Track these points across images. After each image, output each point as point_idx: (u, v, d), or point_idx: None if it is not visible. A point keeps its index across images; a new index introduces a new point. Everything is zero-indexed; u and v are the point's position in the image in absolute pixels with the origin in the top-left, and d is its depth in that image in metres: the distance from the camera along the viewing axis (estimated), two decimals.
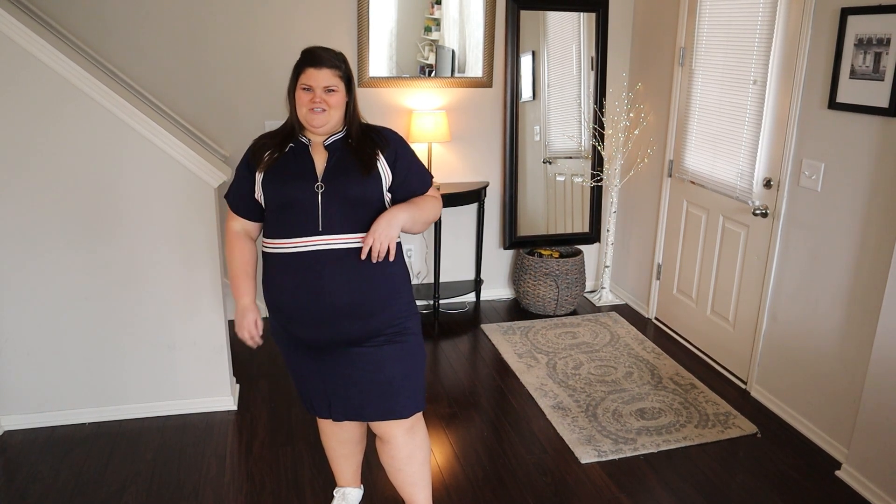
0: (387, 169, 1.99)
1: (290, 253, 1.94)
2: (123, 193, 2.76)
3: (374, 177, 1.96)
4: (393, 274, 2.01)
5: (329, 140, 2.00)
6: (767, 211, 3.11)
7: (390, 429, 2.09)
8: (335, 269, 1.92)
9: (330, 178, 1.94)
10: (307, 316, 1.96)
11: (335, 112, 1.95)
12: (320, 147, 1.99)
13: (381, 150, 1.99)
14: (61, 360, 2.88)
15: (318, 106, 1.92)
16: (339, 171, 1.95)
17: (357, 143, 1.99)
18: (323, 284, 1.92)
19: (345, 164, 1.96)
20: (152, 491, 2.54)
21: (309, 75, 1.93)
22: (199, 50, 3.62)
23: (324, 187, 1.92)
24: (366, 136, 2.01)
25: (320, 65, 1.93)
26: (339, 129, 2.01)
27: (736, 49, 3.27)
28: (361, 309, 1.96)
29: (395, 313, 2.02)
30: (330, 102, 1.93)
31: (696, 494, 2.57)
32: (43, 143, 2.64)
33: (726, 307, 3.47)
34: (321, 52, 1.96)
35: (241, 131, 3.78)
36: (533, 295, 4.15)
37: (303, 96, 1.94)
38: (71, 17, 3.42)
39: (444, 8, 3.95)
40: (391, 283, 2.00)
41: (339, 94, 1.96)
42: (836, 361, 2.78)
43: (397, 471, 2.16)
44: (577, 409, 3.10)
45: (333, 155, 1.97)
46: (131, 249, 2.82)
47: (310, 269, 1.92)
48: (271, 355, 3.62)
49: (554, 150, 4.26)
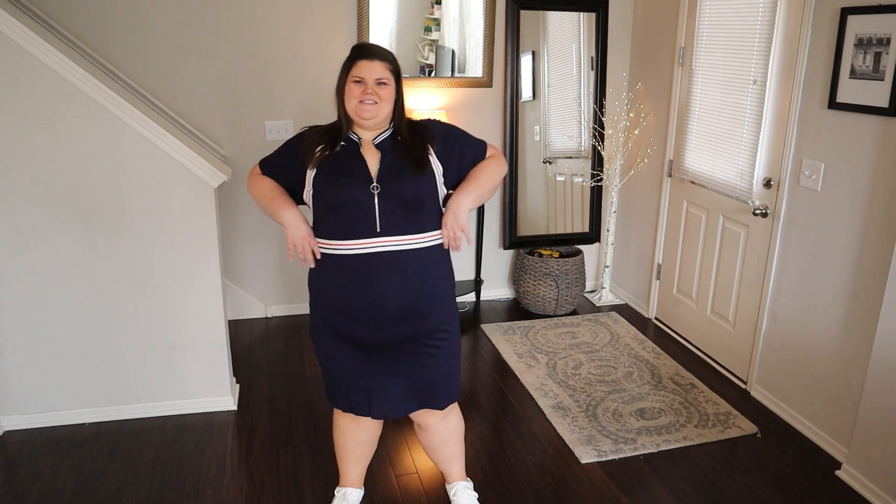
0: (437, 163, 2.00)
1: (347, 255, 1.94)
2: (123, 193, 2.76)
3: (428, 174, 1.97)
4: (445, 273, 2.06)
5: (379, 138, 1.99)
6: (767, 211, 3.11)
7: (427, 418, 2.21)
8: (392, 271, 1.94)
9: (385, 178, 1.93)
10: (363, 316, 1.98)
11: (385, 105, 1.95)
12: (371, 146, 1.98)
13: (431, 144, 2.00)
14: (61, 360, 2.88)
15: (370, 98, 1.91)
16: (393, 170, 1.94)
17: (407, 140, 1.98)
18: (380, 286, 1.94)
19: (398, 163, 1.96)
20: (152, 491, 2.54)
21: (361, 67, 1.93)
22: (200, 50, 3.62)
23: (379, 188, 1.92)
24: (413, 132, 2.01)
25: (373, 57, 1.93)
26: (387, 127, 2.01)
27: (736, 49, 3.27)
28: (415, 310, 1.99)
29: (443, 313, 2.06)
30: (381, 95, 1.93)
31: (696, 494, 2.57)
32: (42, 143, 2.64)
33: (726, 307, 3.47)
34: (373, 46, 1.98)
35: (241, 131, 3.79)
36: (533, 295, 4.15)
37: (354, 89, 1.93)
38: (70, 16, 3.42)
39: (444, 8, 3.95)
40: (441, 283, 2.05)
41: (389, 88, 1.95)
42: (836, 361, 2.78)
43: (434, 451, 2.35)
44: (577, 409, 3.10)
45: (385, 154, 1.97)
46: (131, 249, 2.82)
47: (368, 272, 1.94)
48: (271, 355, 3.62)
49: (554, 150, 4.26)
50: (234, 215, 3.87)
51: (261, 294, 4.09)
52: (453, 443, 2.32)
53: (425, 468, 2.69)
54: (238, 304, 4.01)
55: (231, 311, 3.74)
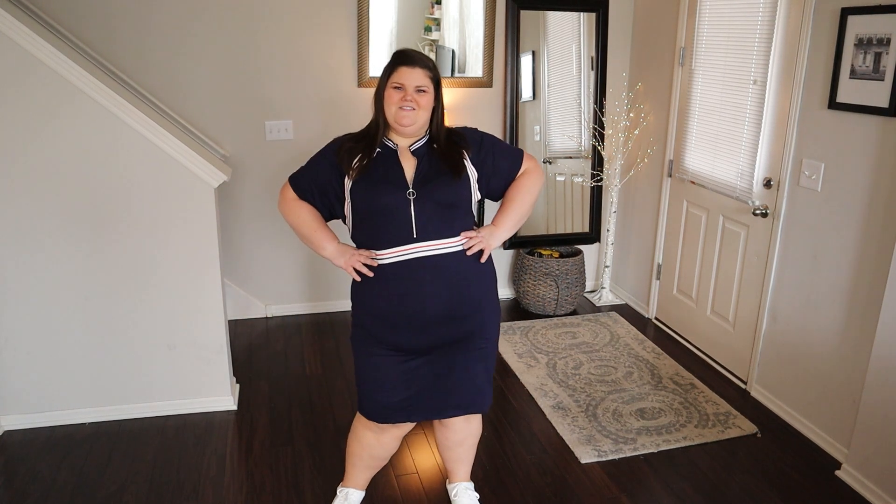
0: (472, 169, 2.02)
1: (388, 263, 1.95)
2: (123, 193, 2.76)
3: (464, 179, 1.99)
4: (486, 276, 2.07)
5: (415, 145, 2.00)
6: (767, 211, 3.11)
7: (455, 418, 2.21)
8: (434, 276, 1.95)
9: (421, 184, 1.94)
10: (409, 324, 1.98)
11: (423, 113, 1.96)
12: (407, 152, 1.99)
13: (467, 150, 2.02)
14: (61, 360, 2.88)
15: (409, 104, 1.92)
16: (429, 176, 1.96)
17: (443, 147, 2.00)
18: (424, 292, 1.95)
19: (434, 169, 1.97)
20: (152, 491, 2.54)
21: (401, 73, 1.94)
22: (200, 50, 3.62)
23: (415, 194, 1.93)
24: (449, 139, 2.02)
25: (414, 64, 1.94)
26: (423, 135, 2.02)
27: (736, 49, 3.27)
28: (459, 312, 2.00)
29: (486, 314, 2.07)
30: (420, 102, 1.94)
31: (696, 494, 2.57)
32: (42, 143, 2.64)
33: (726, 307, 3.47)
34: (414, 53, 1.98)
35: (241, 131, 3.79)
36: (533, 295, 4.15)
37: (393, 94, 1.94)
38: (71, 17, 3.42)
39: (444, 8, 3.95)
40: (484, 283, 2.07)
41: (428, 96, 1.96)
42: (835, 361, 2.78)
43: (447, 449, 2.35)
44: (577, 409, 3.10)
45: (422, 161, 1.98)
46: (131, 249, 2.82)
47: (410, 279, 1.95)
48: (271, 355, 3.62)
49: (554, 150, 4.26)
50: (235, 215, 3.87)
51: (261, 294, 4.09)
52: (469, 445, 2.34)
53: (425, 468, 2.69)
54: (238, 304, 4.01)
55: (231, 311, 3.74)
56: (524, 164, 2.14)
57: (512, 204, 2.10)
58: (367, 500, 2.49)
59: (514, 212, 2.10)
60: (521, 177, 2.12)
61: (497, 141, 2.12)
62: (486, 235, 2.04)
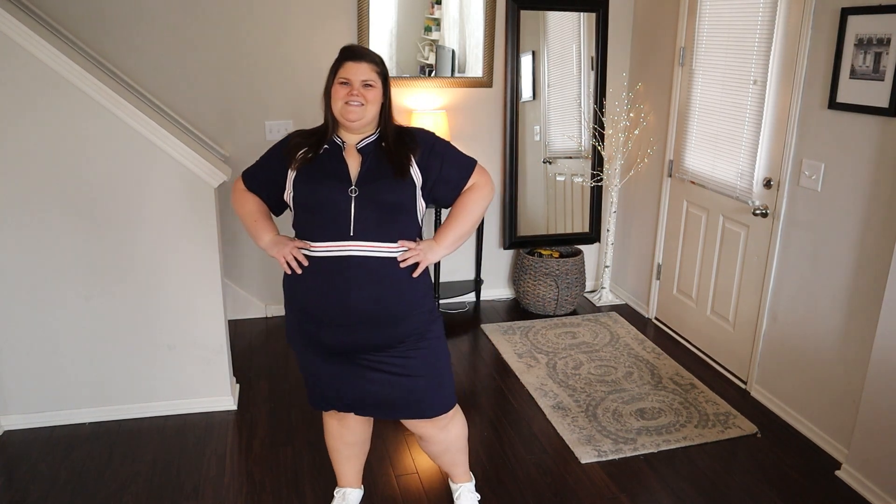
0: (417, 172, 1.98)
1: (318, 256, 1.94)
2: (123, 193, 2.76)
3: (408, 181, 1.96)
4: (417, 284, 2.02)
5: (362, 143, 1.99)
6: (767, 211, 3.11)
7: (424, 428, 2.17)
8: (363, 276, 1.92)
9: (363, 182, 1.93)
10: (331, 320, 1.96)
11: (371, 108, 1.94)
12: (354, 150, 1.98)
13: (413, 153, 1.98)
14: (61, 360, 2.88)
15: (356, 99, 1.91)
16: (372, 175, 1.94)
17: (391, 146, 1.97)
18: (349, 291, 1.92)
19: (379, 168, 1.95)
20: (152, 491, 2.54)
21: (347, 69, 1.93)
22: (199, 50, 3.62)
23: (357, 192, 1.92)
24: (399, 138, 2.00)
25: (359, 59, 1.94)
26: (373, 132, 2.00)
27: (736, 49, 3.27)
28: (386, 317, 1.97)
29: (417, 321, 2.03)
30: (367, 97, 1.93)
31: (696, 494, 2.57)
32: (42, 145, 2.64)
33: (726, 307, 3.47)
34: (360, 48, 1.98)
35: (241, 131, 3.79)
36: (533, 295, 4.15)
37: (340, 90, 1.93)
38: (70, 16, 3.42)
39: (444, 8, 3.95)
40: (415, 292, 2.01)
41: (376, 91, 1.95)
42: (836, 361, 2.78)
43: (436, 458, 2.35)
44: (577, 409, 3.10)
45: (367, 158, 1.96)
46: (131, 249, 2.82)
47: (338, 274, 1.92)
48: (271, 355, 3.62)
49: (554, 150, 4.26)
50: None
51: (261, 294, 4.09)
52: (455, 450, 2.30)
53: (425, 468, 2.69)
54: (238, 304, 4.01)
55: (231, 311, 3.73)
56: (474, 176, 2.06)
57: (455, 221, 2.04)
58: (366, 500, 2.49)
59: (456, 228, 2.03)
60: (469, 190, 2.05)
61: (450, 148, 2.07)
62: (425, 249, 1.98)
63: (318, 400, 2.15)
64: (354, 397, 2.07)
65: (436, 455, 2.31)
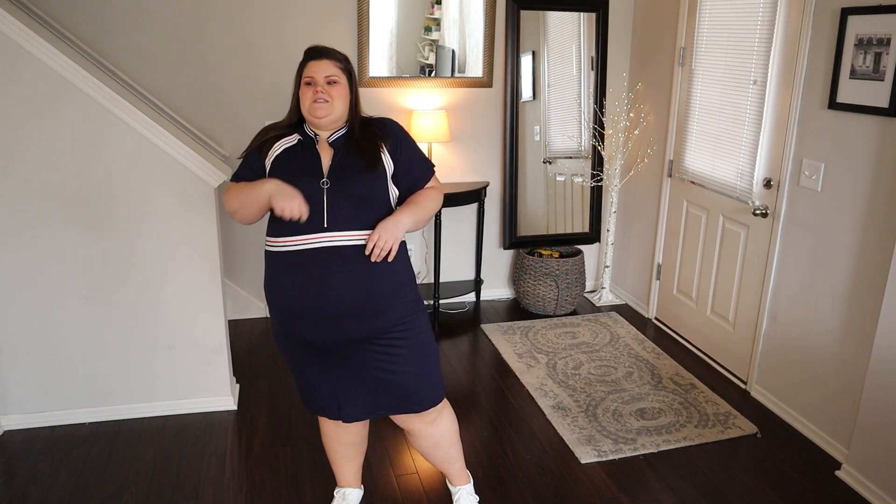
0: (388, 160, 2.01)
1: (295, 251, 1.94)
2: (123, 193, 2.76)
3: (380, 171, 1.99)
4: (398, 272, 2.02)
5: (333, 137, 2.02)
6: (767, 211, 3.11)
7: (412, 423, 2.17)
8: (341, 267, 1.92)
9: (335, 174, 1.95)
10: (312, 315, 1.96)
11: (338, 104, 1.98)
12: (325, 144, 2.01)
13: (384, 141, 2.02)
14: (61, 360, 2.88)
15: (321, 97, 1.95)
16: (344, 167, 1.96)
17: (360, 137, 2.01)
18: (329, 282, 1.92)
19: (350, 160, 1.97)
20: (152, 491, 2.54)
21: (311, 68, 1.98)
22: (200, 50, 3.62)
23: (329, 184, 1.93)
24: (367, 129, 2.03)
25: (321, 56, 1.99)
26: (342, 126, 2.04)
27: (736, 49, 3.27)
28: (367, 308, 1.96)
29: (400, 312, 2.02)
30: (332, 94, 1.97)
31: (696, 494, 2.57)
32: (41, 144, 2.64)
33: (726, 307, 3.47)
34: (322, 47, 2.03)
35: (241, 131, 3.78)
36: (533, 295, 4.15)
37: (306, 91, 1.98)
38: (70, 16, 3.42)
39: (444, 8, 3.95)
40: (396, 281, 2.01)
41: (341, 87, 1.99)
42: (836, 361, 2.78)
43: (427, 455, 2.31)
44: (577, 409, 3.10)
45: (338, 151, 1.99)
46: (131, 249, 2.82)
47: (315, 267, 1.92)
48: (271, 355, 3.62)
49: (554, 150, 4.26)
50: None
51: (261, 294, 4.08)
52: (446, 445, 2.28)
53: (425, 468, 2.69)
54: (238, 304, 4.01)
55: (231, 311, 3.73)
56: (433, 181, 2.14)
57: (415, 204, 2.03)
58: (366, 500, 2.49)
59: (416, 210, 2.01)
60: (426, 190, 2.10)
61: (415, 145, 2.11)
62: (389, 227, 1.92)
63: (311, 404, 2.17)
64: (347, 397, 2.07)
65: (427, 451, 2.29)
